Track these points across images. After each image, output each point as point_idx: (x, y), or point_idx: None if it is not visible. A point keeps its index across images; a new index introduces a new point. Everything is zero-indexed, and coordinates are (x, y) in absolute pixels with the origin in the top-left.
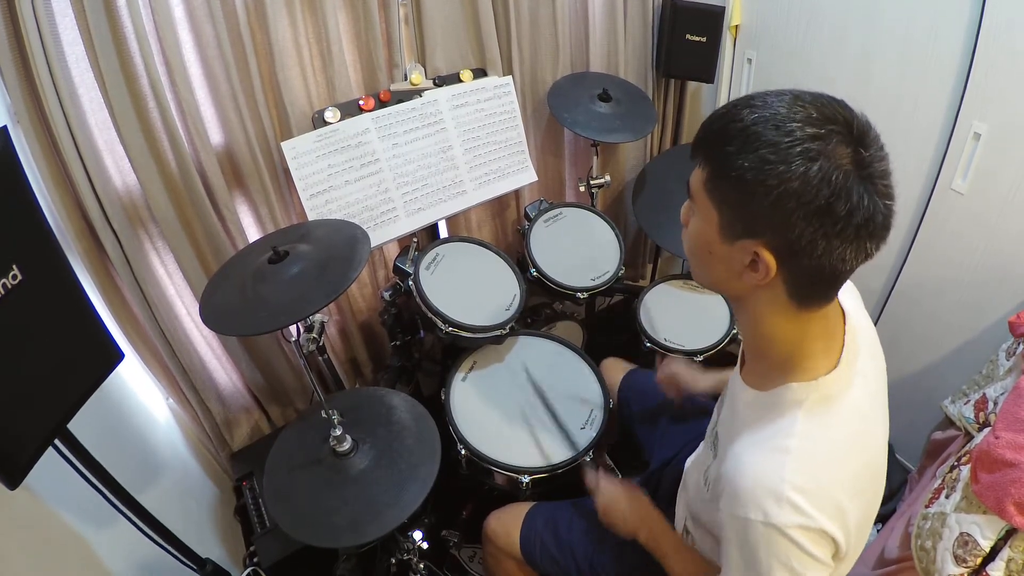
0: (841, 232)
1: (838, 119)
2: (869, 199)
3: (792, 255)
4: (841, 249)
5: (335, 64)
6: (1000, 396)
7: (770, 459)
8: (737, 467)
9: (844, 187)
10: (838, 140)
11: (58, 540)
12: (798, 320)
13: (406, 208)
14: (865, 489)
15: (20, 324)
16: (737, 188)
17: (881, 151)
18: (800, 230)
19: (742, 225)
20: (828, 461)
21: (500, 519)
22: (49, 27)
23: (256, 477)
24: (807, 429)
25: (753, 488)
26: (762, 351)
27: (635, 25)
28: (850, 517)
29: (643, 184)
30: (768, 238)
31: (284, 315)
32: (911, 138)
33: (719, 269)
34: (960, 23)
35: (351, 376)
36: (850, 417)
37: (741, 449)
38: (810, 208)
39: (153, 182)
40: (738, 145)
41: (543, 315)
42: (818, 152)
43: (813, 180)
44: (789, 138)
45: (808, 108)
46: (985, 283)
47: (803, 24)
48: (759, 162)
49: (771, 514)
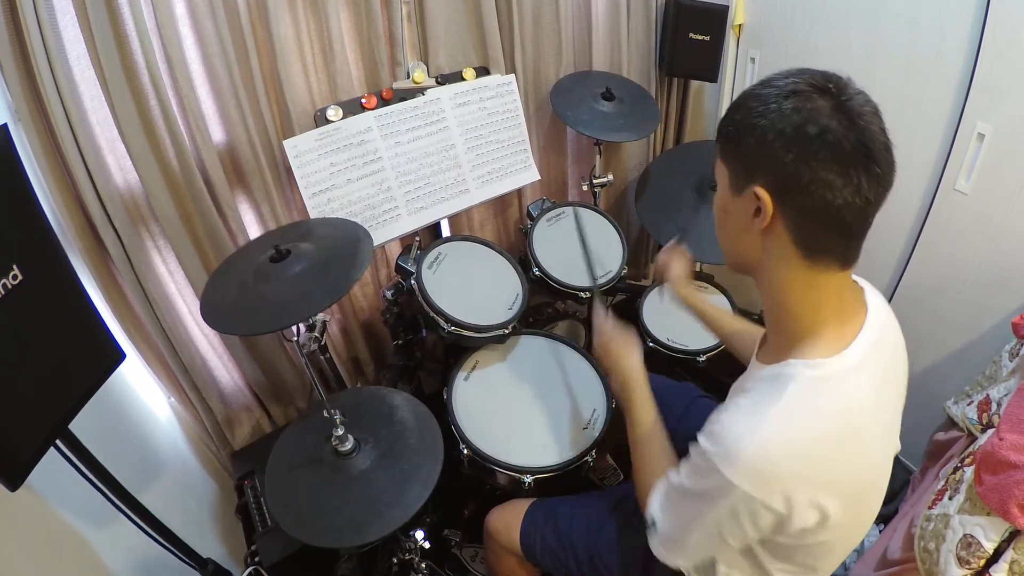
0: (817, 153)
1: (814, 74)
2: (839, 123)
3: (785, 191)
4: (824, 173)
5: (337, 62)
6: (1004, 397)
7: (748, 419)
8: (725, 415)
9: (814, 112)
10: (811, 87)
11: (59, 540)
12: (811, 285)
13: (408, 207)
14: (837, 480)
15: (20, 324)
16: (733, 141)
17: (861, 95)
18: (783, 161)
19: (744, 174)
20: (800, 439)
21: (501, 515)
22: (50, 24)
23: (257, 476)
24: (790, 403)
25: (727, 440)
26: (776, 322)
27: (638, 24)
28: (811, 499)
29: (646, 183)
30: (762, 178)
31: (286, 315)
32: (915, 138)
33: (733, 227)
34: (964, 22)
35: (353, 375)
36: (836, 406)
37: (735, 402)
38: (786, 136)
39: (154, 180)
40: (735, 108)
41: (545, 314)
42: (792, 91)
43: (786, 111)
44: (770, 88)
45: (794, 73)
46: (988, 284)
47: (806, 24)
48: (747, 113)
49: (733, 471)
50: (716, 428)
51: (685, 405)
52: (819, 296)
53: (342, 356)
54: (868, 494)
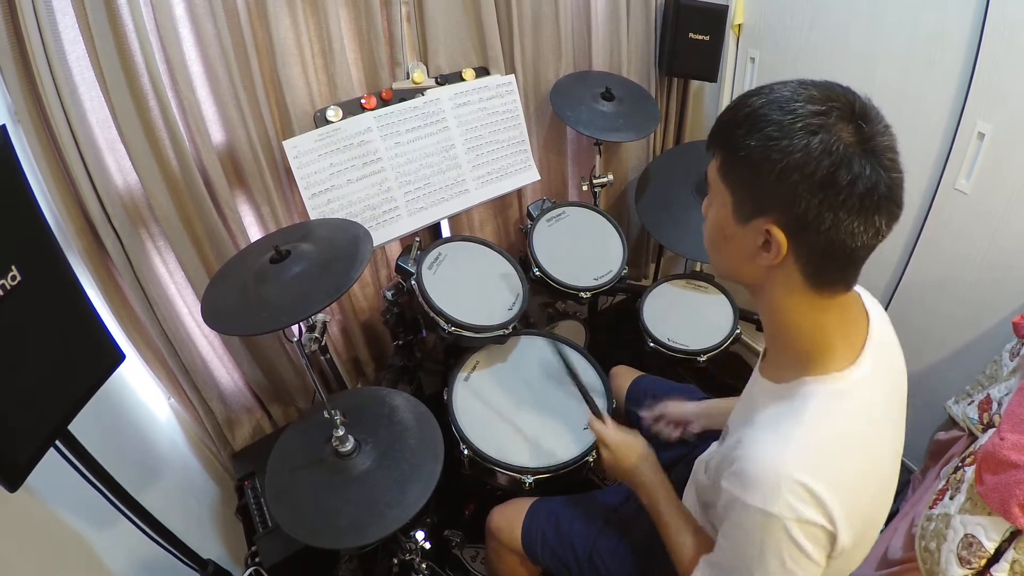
0: (845, 202)
1: (839, 98)
2: (872, 170)
3: (801, 230)
4: (848, 222)
5: (337, 62)
6: (1004, 397)
7: (775, 446)
8: (744, 451)
9: (845, 157)
10: (838, 115)
11: (59, 541)
12: (816, 307)
13: (408, 207)
14: (867, 490)
15: (20, 325)
16: (746, 167)
17: (885, 128)
18: (806, 203)
19: (753, 204)
20: (831, 454)
21: (503, 514)
22: (49, 25)
23: (258, 477)
24: (815, 420)
25: (755, 472)
26: (782, 342)
27: (638, 23)
28: (850, 514)
29: (646, 183)
30: (777, 214)
31: (286, 315)
32: (915, 137)
33: (735, 253)
34: (964, 22)
35: (353, 376)
36: (859, 417)
37: (751, 434)
38: (814, 180)
39: (154, 181)
40: (746, 128)
41: (546, 314)
42: (819, 126)
43: (815, 152)
44: (792, 116)
45: (811, 90)
46: (989, 283)
47: (806, 23)
48: (764, 140)
49: (769, 501)
50: (742, 471)
51: None
52: (826, 316)
53: (342, 357)
54: (884, 494)
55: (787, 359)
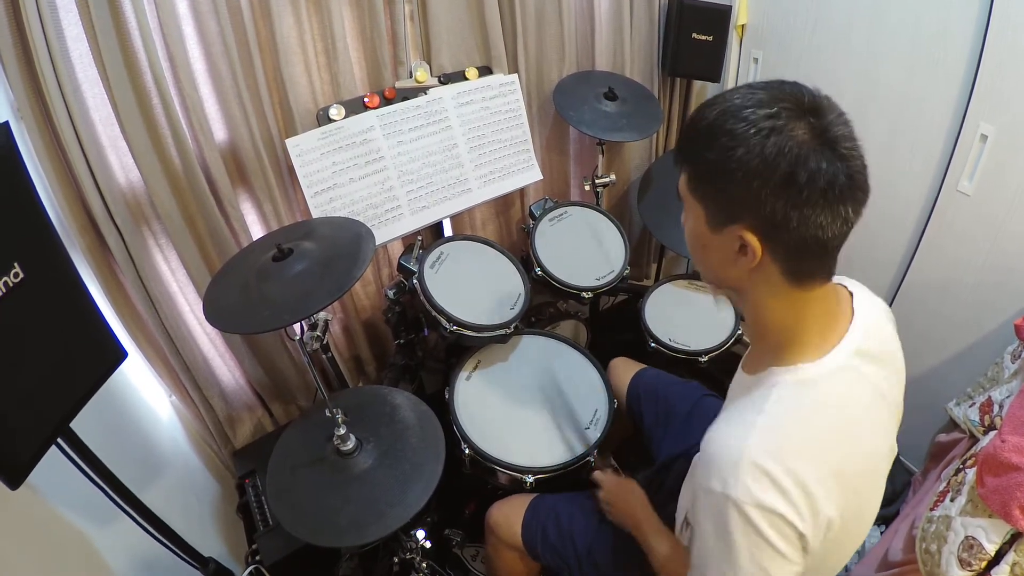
0: (808, 199)
1: (788, 97)
2: (828, 163)
3: (772, 231)
4: (815, 216)
5: (340, 61)
6: (1006, 399)
7: (736, 431)
8: (707, 438)
9: (800, 155)
10: (788, 115)
11: (60, 538)
12: (798, 301)
13: (410, 206)
14: (836, 485)
15: (22, 323)
16: (710, 180)
17: (839, 116)
18: (771, 206)
19: (723, 213)
20: (792, 440)
21: (502, 510)
22: (52, 22)
23: (259, 475)
24: (777, 408)
25: (716, 456)
26: (760, 336)
27: (641, 23)
28: (813, 505)
29: (648, 183)
30: (747, 220)
31: (288, 313)
32: (917, 139)
33: (715, 260)
34: (968, 24)
35: (354, 374)
36: (826, 407)
37: (716, 422)
38: (773, 182)
39: (157, 178)
40: (704, 141)
41: (547, 314)
42: (771, 129)
43: (770, 156)
44: (744, 123)
45: (759, 93)
46: (991, 285)
47: (810, 24)
48: (722, 151)
49: (729, 485)
50: (705, 457)
51: (691, 404)
52: (806, 309)
53: (344, 355)
54: (864, 493)
55: (762, 349)
